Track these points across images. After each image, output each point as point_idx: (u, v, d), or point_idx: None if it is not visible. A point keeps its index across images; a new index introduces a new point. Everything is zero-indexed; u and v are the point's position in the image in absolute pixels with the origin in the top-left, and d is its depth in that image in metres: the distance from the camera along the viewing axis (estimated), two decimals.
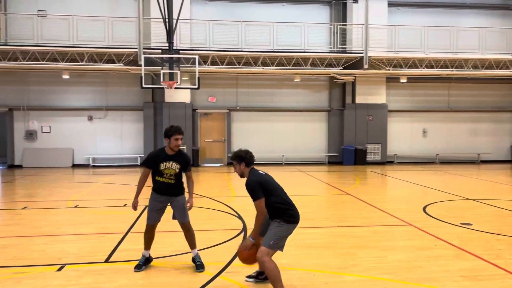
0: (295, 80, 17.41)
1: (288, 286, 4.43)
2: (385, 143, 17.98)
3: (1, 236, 6.50)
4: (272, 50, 15.96)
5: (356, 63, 16.58)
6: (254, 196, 4.21)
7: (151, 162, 4.93)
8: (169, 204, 5.05)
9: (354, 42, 16.92)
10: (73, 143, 16.85)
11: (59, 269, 4.95)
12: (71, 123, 16.92)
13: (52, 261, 5.24)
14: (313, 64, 16.48)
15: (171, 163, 4.86)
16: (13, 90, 16.61)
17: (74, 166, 16.81)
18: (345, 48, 16.97)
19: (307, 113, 18.24)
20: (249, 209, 8.44)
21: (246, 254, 4.26)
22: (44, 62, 14.95)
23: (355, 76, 17.24)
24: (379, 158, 17.93)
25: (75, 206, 8.76)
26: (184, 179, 5.06)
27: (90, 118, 16.94)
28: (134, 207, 5.07)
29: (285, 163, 17.92)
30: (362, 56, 15.95)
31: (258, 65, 16.12)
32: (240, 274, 4.78)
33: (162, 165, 4.85)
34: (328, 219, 7.75)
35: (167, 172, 4.87)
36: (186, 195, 5.10)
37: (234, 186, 11.76)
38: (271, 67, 16.17)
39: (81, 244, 6.09)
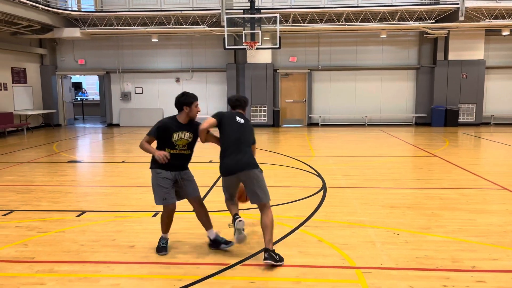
0: (381, 36, 16.47)
1: (367, 242, 4.45)
2: (480, 103, 16.50)
3: (104, 185, 7.31)
4: (356, 5, 15.17)
5: (450, 16, 15.13)
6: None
7: (162, 133, 4.20)
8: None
9: None
10: (162, 104, 17.96)
11: (154, 215, 5.47)
12: (160, 85, 17.98)
13: (147, 208, 5.79)
14: (401, 19, 15.38)
15: (184, 133, 4.23)
16: (109, 54, 17.96)
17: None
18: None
19: (393, 71, 17.28)
20: (329, 168, 8.45)
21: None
22: (136, 27, 15.87)
23: (448, 30, 15.79)
24: (473, 119, 16.56)
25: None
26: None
27: (178, 80, 17.83)
28: (164, 157, 4.09)
29: (368, 124, 17.38)
30: (458, 7, 14.49)
31: (342, 22, 15.46)
32: (319, 228, 4.89)
33: (175, 135, 4.18)
34: (413, 180, 7.48)
35: (179, 144, 4.22)
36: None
37: (314, 146, 11.76)
38: (355, 23, 15.41)
39: None
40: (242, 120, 4.37)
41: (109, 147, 12.45)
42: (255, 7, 14.51)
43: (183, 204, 5.13)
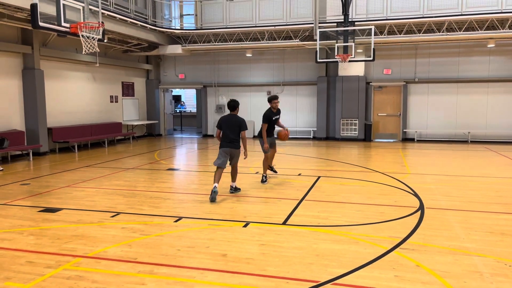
0: (488, 45, 15.13)
1: (472, 272, 4.05)
2: None
3: (199, 193, 7.66)
4: (460, 13, 14.13)
5: None
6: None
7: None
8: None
9: None
10: (253, 116, 18.44)
11: (245, 226, 5.59)
12: (252, 98, 18.52)
13: (239, 218, 5.94)
14: None
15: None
16: (206, 69, 19.02)
17: (254, 137, 18.39)
18: None
19: (502, 83, 15.71)
20: (426, 187, 7.91)
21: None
22: (231, 42, 16.60)
23: None
24: None
25: (256, 173, 9.65)
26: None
27: (269, 93, 18.19)
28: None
29: (471, 141, 15.98)
30: None
31: (443, 31, 14.54)
32: (416, 251, 4.57)
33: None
34: None
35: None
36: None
37: (410, 163, 11.11)
38: (459, 33, 14.35)
39: (262, 206, 6.73)
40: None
41: (203, 157, 13.09)
42: (349, 20, 14.29)
43: (269, 217, 5.14)
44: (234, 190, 7.65)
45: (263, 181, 8.51)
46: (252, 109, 18.51)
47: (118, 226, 5.61)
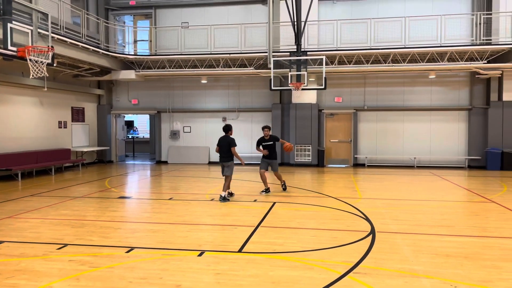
0: (429, 77, 16.22)
1: None
2: None
3: (152, 222, 7.46)
4: (403, 46, 15.10)
5: (504, 56, 14.69)
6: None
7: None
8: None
9: (501, 32, 14.98)
10: (209, 142, 18.39)
11: (200, 255, 5.48)
12: (208, 124, 18.52)
13: (193, 247, 5.83)
14: (451, 59, 15.12)
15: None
16: (161, 94, 18.87)
17: (210, 163, 18.33)
18: (490, 39, 15.15)
19: (443, 112, 16.81)
20: (377, 212, 8.18)
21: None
22: (186, 69, 16.66)
23: (502, 70, 15.29)
24: None
25: (212, 199, 9.56)
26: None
27: (224, 119, 18.29)
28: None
29: (417, 166, 16.81)
30: (511, 48, 14.08)
31: (388, 63, 15.43)
32: (368, 275, 4.68)
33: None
34: (469, 227, 7.05)
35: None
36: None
37: (361, 188, 11.47)
38: (403, 64, 15.30)
39: (217, 234, 6.65)
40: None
41: (157, 184, 12.80)
42: (301, 50, 14.84)
43: (225, 245, 5.07)
44: (223, 199, 9.20)
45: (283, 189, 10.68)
46: (208, 135, 18.47)
47: (65, 259, 5.32)
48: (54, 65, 12.07)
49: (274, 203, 9.15)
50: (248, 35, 16.33)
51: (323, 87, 14.42)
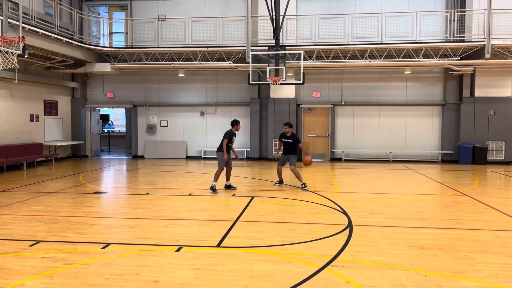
0: (405, 72, 16.50)
1: (397, 285, 4.27)
2: (510, 141, 16.08)
3: (129, 218, 7.33)
4: (380, 42, 15.30)
5: (476, 53, 15.07)
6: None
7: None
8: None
9: (474, 29, 15.36)
10: (187, 137, 18.22)
11: (178, 250, 5.43)
12: (185, 118, 18.32)
13: (171, 242, 5.76)
14: (426, 55, 15.41)
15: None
16: (137, 88, 18.54)
17: (188, 158, 18.17)
18: (463, 36, 15.51)
19: (418, 107, 17.16)
20: (354, 205, 8.28)
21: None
22: (163, 62, 16.39)
23: (474, 67, 15.70)
24: (503, 158, 16.11)
25: (190, 194, 9.48)
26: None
27: (202, 114, 18.14)
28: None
29: (392, 160, 17.12)
30: (484, 45, 14.44)
31: (365, 58, 15.61)
32: (346, 268, 4.73)
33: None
34: (442, 220, 7.22)
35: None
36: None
37: (338, 182, 11.60)
38: (379, 60, 15.51)
39: (195, 229, 6.59)
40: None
41: (133, 179, 12.60)
42: (280, 44, 14.83)
43: (203, 240, 5.03)
44: (212, 189, 9.83)
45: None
46: (185, 129, 18.29)
47: (37, 256, 5.17)
48: (25, 56, 11.69)
49: (253, 197, 9.15)
50: (227, 29, 16.19)
51: (301, 82, 14.46)
